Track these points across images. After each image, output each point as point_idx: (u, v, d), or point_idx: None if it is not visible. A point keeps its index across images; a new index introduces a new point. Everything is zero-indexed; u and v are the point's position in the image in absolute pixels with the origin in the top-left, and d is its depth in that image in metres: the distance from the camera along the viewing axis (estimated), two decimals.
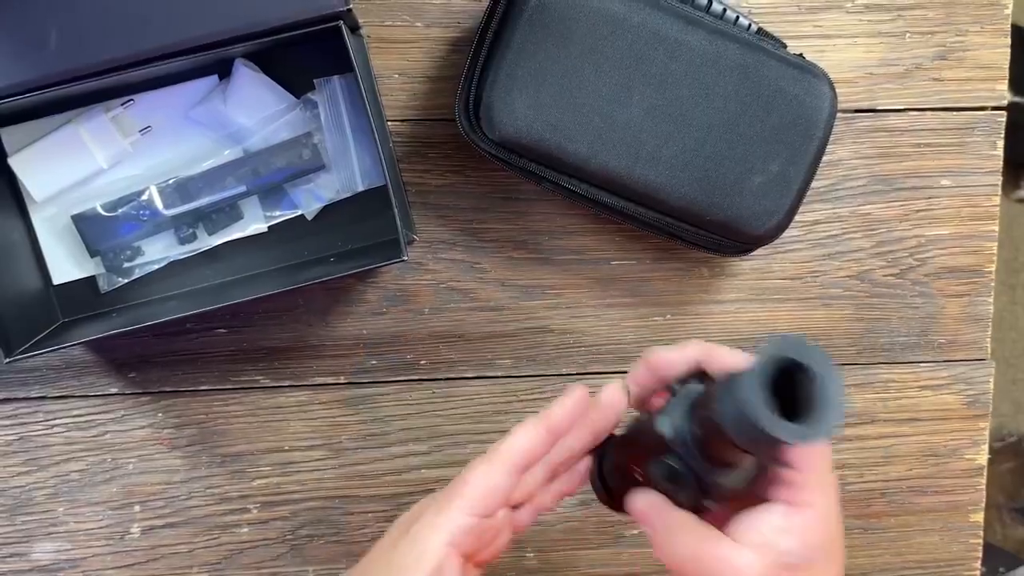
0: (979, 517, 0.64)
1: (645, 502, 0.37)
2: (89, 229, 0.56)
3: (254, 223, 0.58)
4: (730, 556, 0.35)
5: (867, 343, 0.62)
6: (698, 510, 0.37)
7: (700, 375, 0.39)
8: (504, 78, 0.51)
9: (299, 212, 0.58)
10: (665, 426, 0.36)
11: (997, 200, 0.61)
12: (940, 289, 0.62)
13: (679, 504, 0.37)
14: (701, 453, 0.36)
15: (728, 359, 0.38)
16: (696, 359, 0.38)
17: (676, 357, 0.39)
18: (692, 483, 0.36)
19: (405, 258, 0.50)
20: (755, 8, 0.58)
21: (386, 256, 0.52)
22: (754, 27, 0.53)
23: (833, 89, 0.53)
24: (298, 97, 0.57)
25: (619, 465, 0.41)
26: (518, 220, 0.59)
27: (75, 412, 0.60)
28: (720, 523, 0.37)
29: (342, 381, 0.60)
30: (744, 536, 0.36)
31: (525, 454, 0.38)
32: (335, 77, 0.56)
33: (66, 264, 0.57)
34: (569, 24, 0.51)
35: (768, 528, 0.36)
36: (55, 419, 0.60)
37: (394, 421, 0.61)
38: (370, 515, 0.62)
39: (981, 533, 0.65)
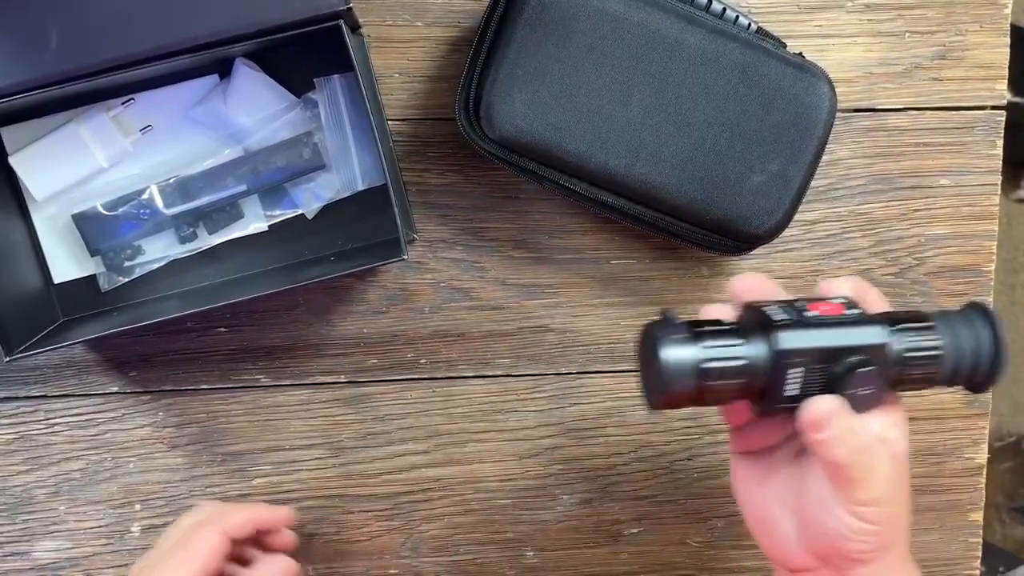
0: (978, 516, 0.64)
1: (833, 403, 0.40)
2: (89, 228, 0.57)
3: (254, 222, 0.58)
4: (878, 451, 0.40)
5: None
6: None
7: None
8: (504, 77, 0.51)
9: (299, 211, 0.58)
10: (882, 336, 0.40)
11: (996, 199, 0.61)
12: (939, 288, 0.62)
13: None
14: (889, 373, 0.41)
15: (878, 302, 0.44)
16: (851, 291, 0.43)
17: (842, 286, 0.44)
18: (882, 391, 0.40)
19: (405, 257, 0.51)
20: (754, 7, 0.58)
21: (386, 255, 0.52)
22: (754, 26, 0.53)
23: (832, 88, 0.53)
24: (298, 96, 0.57)
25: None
26: (518, 219, 0.60)
27: (76, 411, 0.60)
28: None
29: (342, 380, 0.61)
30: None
31: (272, 524, 0.55)
32: (335, 76, 0.56)
33: (67, 263, 0.57)
34: (569, 23, 0.51)
35: (879, 425, 0.41)
36: (56, 418, 0.60)
37: (394, 420, 0.61)
38: (370, 514, 0.62)
39: (980, 532, 0.65)
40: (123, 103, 0.56)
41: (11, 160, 0.55)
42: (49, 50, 0.48)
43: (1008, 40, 0.60)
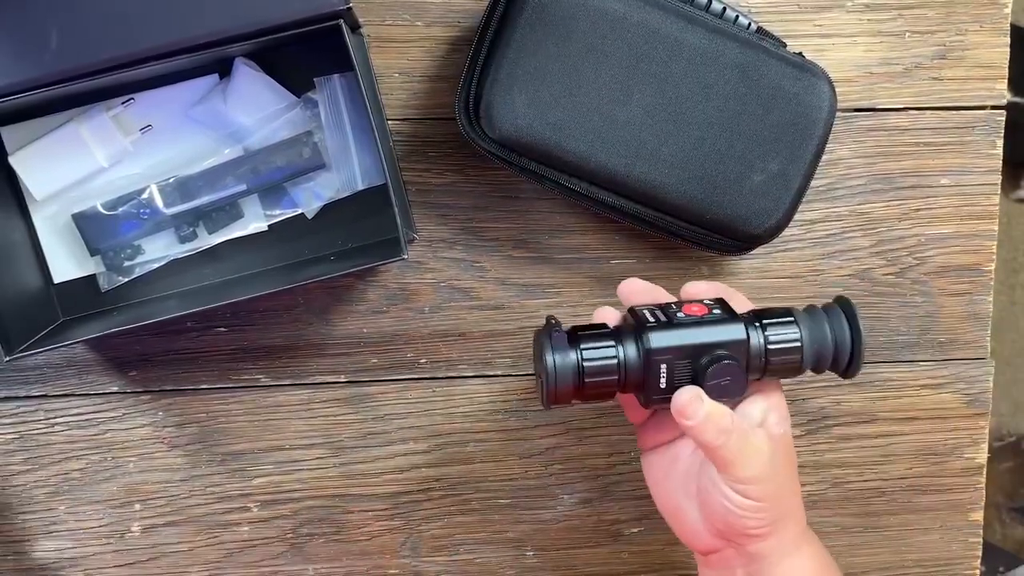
0: (978, 516, 0.64)
1: (692, 393, 0.44)
2: (89, 228, 0.56)
3: (254, 222, 0.58)
4: (750, 432, 0.45)
5: (866, 341, 0.62)
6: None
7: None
8: (504, 77, 0.51)
9: (299, 211, 0.58)
10: (742, 333, 0.45)
11: (996, 199, 0.61)
12: (940, 288, 0.62)
13: None
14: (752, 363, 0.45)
15: (742, 303, 0.48)
16: (716, 294, 0.48)
17: (705, 289, 0.48)
18: (742, 381, 0.45)
19: (405, 257, 0.51)
20: (754, 7, 0.58)
21: (386, 255, 0.52)
22: (753, 26, 0.53)
23: (832, 88, 0.53)
24: (298, 96, 0.57)
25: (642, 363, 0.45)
26: (518, 219, 0.60)
27: (76, 410, 0.60)
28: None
29: (342, 380, 0.61)
30: (747, 420, 0.46)
31: None
32: (335, 76, 0.56)
33: (67, 263, 0.57)
34: (569, 23, 0.51)
35: (758, 411, 0.46)
36: (56, 417, 0.60)
37: (394, 420, 0.61)
38: (370, 513, 0.62)
39: (980, 532, 0.65)
40: (123, 102, 0.56)
41: (11, 159, 0.55)
42: (49, 49, 0.48)
43: (1008, 39, 0.60)
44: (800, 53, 0.54)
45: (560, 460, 0.62)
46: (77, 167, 0.56)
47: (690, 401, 0.44)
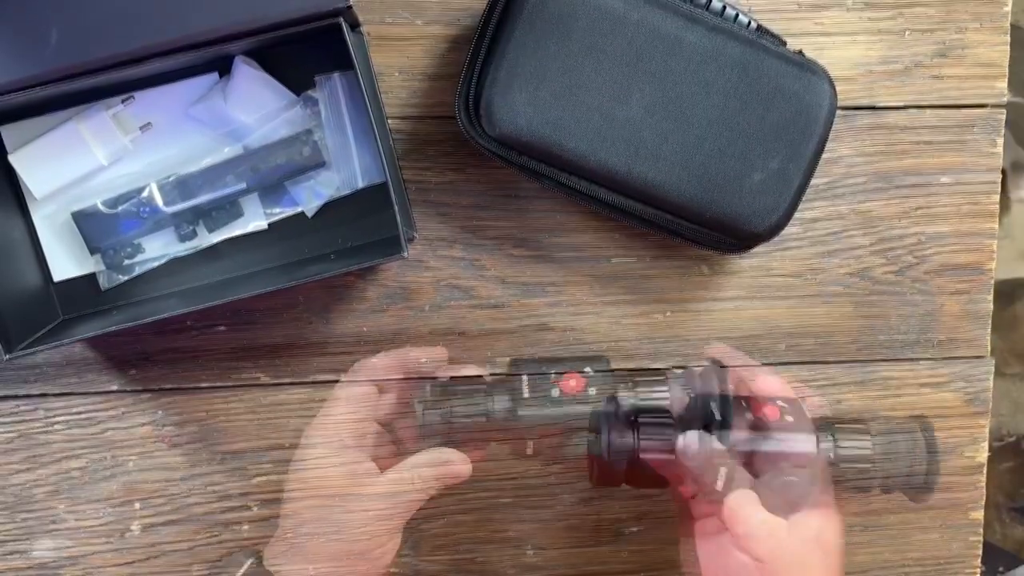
0: (979, 515, 0.64)
1: (746, 497, 0.42)
2: (89, 226, 0.56)
3: (254, 220, 0.58)
4: (804, 547, 0.43)
5: (866, 340, 0.62)
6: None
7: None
8: (504, 75, 0.51)
9: (299, 209, 0.58)
10: (812, 446, 0.43)
11: (996, 197, 0.61)
12: (940, 287, 0.62)
13: None
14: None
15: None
16: (792, 393, 0.47)
17: (780, 387, 0.47)
18: (804, 497, 0.43)
19: (405, 255, 0.51)
20: (754, 5, 0.58)
21: (386, 253, 0.52)
22: (753, 24, 0.53)
23: (833, 86, 0.53)
24: (298, 94, 0.57)
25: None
26: (518, 217, 0.60)
27: (75, 409, 0.60)
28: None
29: (342, 378, 0.60)
30: (802, 532, 0.43)
31: None
32: (335, 74, 0.56)
33: (66, 261, 0.57)
34: (569, 21, 0.51)
35: (814, 523, 0.44)
36: (55, 416, 0.60)
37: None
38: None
39: (981, 530, 0.65)
40: (123, 101, 0.56)
41: (11, 158, 0.55)
42: (49, 47, 0.48)
43: (1008, 38, 0.60)
44: (800, 51, 0.54)
45: (561, 458, 0.62)
46: (77, 165, 0.56)
47: (742, 506, 0.41)
